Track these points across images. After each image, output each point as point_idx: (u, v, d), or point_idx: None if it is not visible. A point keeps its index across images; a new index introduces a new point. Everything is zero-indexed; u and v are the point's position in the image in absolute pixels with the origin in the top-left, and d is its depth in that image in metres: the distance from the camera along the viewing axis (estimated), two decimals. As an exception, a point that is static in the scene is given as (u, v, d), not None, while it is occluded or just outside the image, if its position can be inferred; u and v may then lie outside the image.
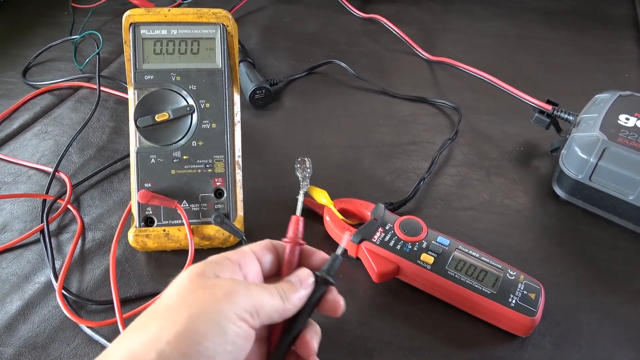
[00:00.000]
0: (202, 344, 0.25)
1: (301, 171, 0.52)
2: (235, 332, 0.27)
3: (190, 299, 0.27)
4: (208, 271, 0.29)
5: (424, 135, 0.62)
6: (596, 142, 0.49)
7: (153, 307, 0.28)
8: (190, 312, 0.26)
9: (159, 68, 0.46)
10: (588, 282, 0.46)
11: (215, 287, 0.28)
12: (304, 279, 0.33)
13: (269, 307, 0.29)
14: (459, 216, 0.52)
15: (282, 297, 0.30)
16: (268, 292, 0.30)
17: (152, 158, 0.45)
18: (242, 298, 0.28)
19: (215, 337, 0.26)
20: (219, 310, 0.27)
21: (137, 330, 0.27)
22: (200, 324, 0.26)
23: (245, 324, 0.27)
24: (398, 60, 0.75)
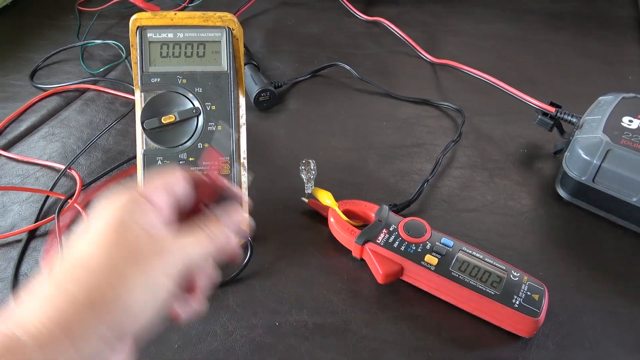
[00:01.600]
0: (132, 308, 0.24)
1: (306, 173, 0.53)
2: (165, 291, 0.26)
3: (116, 260, 0.25)
4: (128, 220, 0.27)
5: (428, 137, 0.62)
6: (599, 144, 0.49)
7: (73, 260, 0.25)
8: (119, 274, 0.25)
9: (166, 71, 0.46)
10: (592, 283, 0.46)
11: (143, 245, 0.26)
12: (234, 215, 0.31)
13: (199, 257, 0.28)
14: (462, 217, 0.52)
15: (211, 239, 0.29)
16: (200, 246, 0.28)
17: (158, 160, 0.46)
18: (175, 258, 0.27)
19: (144, 298, 0.25)
20: (149, 272, 0.25)
21: (59, 287, 0.24)
22: (130, 288, 0.24)
23: (174, 282, 0.26)
24: (401, 63, 0.75)
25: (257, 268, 0.47)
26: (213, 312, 0.44)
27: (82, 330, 0.23)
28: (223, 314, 0.44)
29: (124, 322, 0.24)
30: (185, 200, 0.31)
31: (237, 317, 0.43)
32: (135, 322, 0.25)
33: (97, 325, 0.24)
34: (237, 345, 0.41)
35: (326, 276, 0.47)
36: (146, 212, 0.28)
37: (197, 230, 0.29)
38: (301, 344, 0.42)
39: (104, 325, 0.24)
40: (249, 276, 0.46)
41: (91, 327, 0.23)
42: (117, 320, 0.24)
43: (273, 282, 0.46)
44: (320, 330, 0.42)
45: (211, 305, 0.44)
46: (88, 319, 0.23)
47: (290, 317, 0.43)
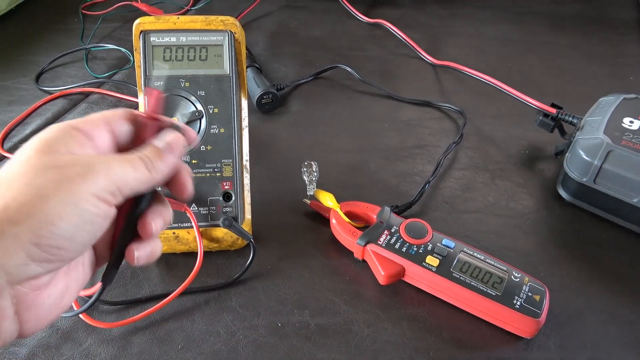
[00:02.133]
0: (56, 226, 0.24)
1: (308, 175, 0.53)
2: (94, 212, 0.25)
3: (40, 180, 0.24)
4: (56, 145, 0.26)
5: (429, 138, 0.63)
6: (600, 145, 0.49)
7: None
8: (41, 194, 0.24)
9: (169, 74, 0.47)
10: (593, 284, 0.47)
11: (67, 166, 0.25)
12: (172, 142, 0.29)
13: (133, 181, 0.27)
14: (464, 219, 0.53)
15: (148, 166, 0.28)
16: (130, 165, 0.27)
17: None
18: (101, 177, 0.25)
19: (71, 218, 0.24)
20: (75, 192, 0.24)
21: None
22: (54, 207, 0.24)
23: (105, 203, 0.26)
24: (403, 65, 0.75)
25: (260, 269, 0.47)
26: (216, 313, 0.44)
27: (2, 243, 0.23)
28: (226, 315, 0.44)
29: (48, 236, 0.24)
30: (124, 137, 0.30)
31: (240, 318, 0.44)
32: (62, 239, 0.24)
33: (15, 232, 0.23)
34: (240, 346, 0.42)
35: (328, 277, 0.47)
36: (75, 138, 0.27)
37: (128, 153, 0.28)
38: (303, 344, 0.42)
39: (22, 232, 0.23)
40: (252, 277, 0.47)
41: (10, 238, 0.23)
42: (41, 234, 0.23)
43: (275, 283, 0.46)
44: (323, 331, 0.43)
45: (214, 306, 0.45)
46: (7, 231, 0.23)
47: (292, 318, 0.44)
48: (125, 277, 0.47)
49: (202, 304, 0.45)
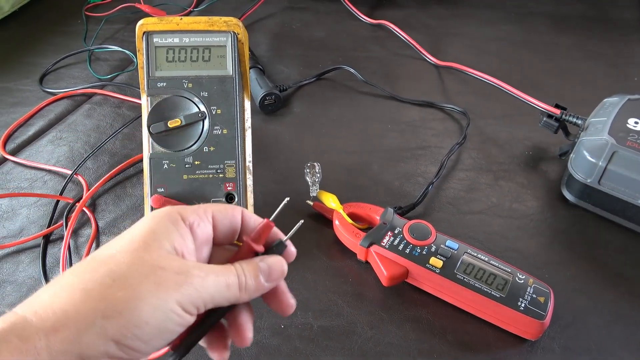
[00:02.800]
0: (142, 329, 0.24)
1: (311, 176, 0.53)
2: (177, 321, 0.25)
3: (140, 279, 0.24)
4: (161, 238, 0.26)
5: (433, 139, 0.62)
6: (605, 145, 0.49)
7: (97, 257, 0.25)
8: (138, 296, 0.24)
9: (172, 75, 0.47)
10: (598, 285, 0.46)
11: (168, 270, 0.25)
12: (273, 267, 0.29)
13: (221, 298, 0.27)
14: (467, 220, 0.52)
15: (241, 287, 0.27)
16: (225, 284, 0.27)
17: (164, 163, 0.46)
18: (194, 290, 0.25)
19: (157, 323, 0.24)
20: (167, 300, 0.24)
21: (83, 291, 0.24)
22: (146, 310, 0.24)
23: (188, 314, 0.25)
24: (406, 66, 0.75)
25: (263, 271, 0.47)
26: (219, 315, 0.44)
27: (89, 325, 0.23)
28: (229, 317, 0.44)
29: (130, 337, 0.24)
30: (225, 234, 0.30)
31: (243, 320, 0.43)
32: (141, 341, 0.24)
33: (103, 325, 0.23)
34: (243, 348, 0.42)
35: (331, 279, 0.47)
36: (179, 230, 0.27)
37: (228, 267, 0.28)
38: (306, 346, 0.42)
39: (110, 327, 0.23)
40: (255, 279, 0.47)
41: (98, 325, 0.23)
42: (125, 334, 0.23)
43: (278, 284, 0.46)
44: (326, 333, 0.43)
45: (217, 307, 0.45)
46: (97, 317, 0.23)
47: (295, 320, 0.44)
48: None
49: (204, 305, 0.45)
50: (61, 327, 0.23)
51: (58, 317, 0.23)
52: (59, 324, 0.23)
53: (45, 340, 0.22)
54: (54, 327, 0.23)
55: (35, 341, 0.22)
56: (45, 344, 0.22)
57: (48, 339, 0.22)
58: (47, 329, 0.22)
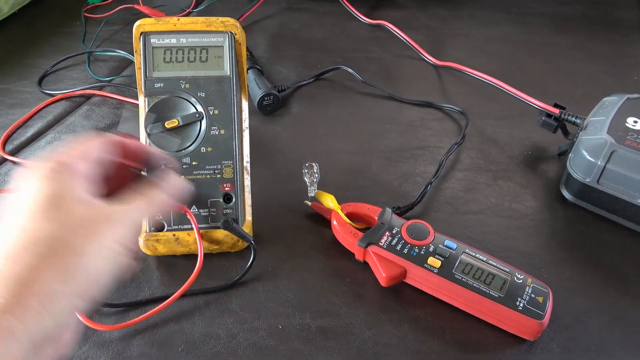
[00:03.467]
0: (87, 270, 0.26)
1: (309, 176, 0.53)
2: (120, 255, 0.28)
3: (66, 232, 0.26)
4: (62, 192, 0.28)
5: (431, 139, 0.62)
6: (604, 145, 0.49)
7: (22, 235, 0.26)
8: (72, 246, 0.26)
9: (169, 76, 0.47)
10: (597, 285, 0.46)
11: (86, 216, 0.27)
12: (173, 186, 0.35)
13: (143, 218, 0.33)
14: (466, 220, 0.52)
15: (154, 202, 0.33)
16: (143, 211, 0.31)
17: (162, 164, 0.46)
18: (121, 225, 0.29)
19: (99, 263, 0.27)
20: (102, 243, 0.27)
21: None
22: (84, 256, 0.26)
23: (125, 247, 0.28)
24: (405, 66, 0.75)
25: (261, 271, 0.47)
26: (217, 316, 0.44)
27: (48, 291, 0.24)
28: (227, 317, 0.44)
29: (86, 286, 0.26)
30: (108, 166, 0.32)
31: (241, 320, 0.43)
32: (97, 287, 0.27)
33: (62, 287, 0.24)
34: (240, 348, 0.41)
35: (329, 279, 0.47)
36: (76, 182, 0.29)
37: (137, 196, 0.32)
38: (304, 346, 0.42)
39: (68, 287, 0.25)
40: (252, 279, 0.46)
41: (56, 289, 0.24)
42: (80, 285, 0.26)
43: (276, 285, 0.46)
44: (323, 333, 0.42)
45: (215, 308, 0.45)
46: (52, 282, 0.24)
47: (293, 320, 0.43)
48: (125, 280, 0.47)
49: (202, 306, 0.45)
50: (24, 301, 0.23)
51: (20, 294, 0.24)
52: (21, 299, 0.23)
53: (13, 316, 0.23)
54: (16, 305, 0.23)
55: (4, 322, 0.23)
56: (14, 320, 0.23)
57: (16, 315, 0.23)
58: (8, 308, 0.23)
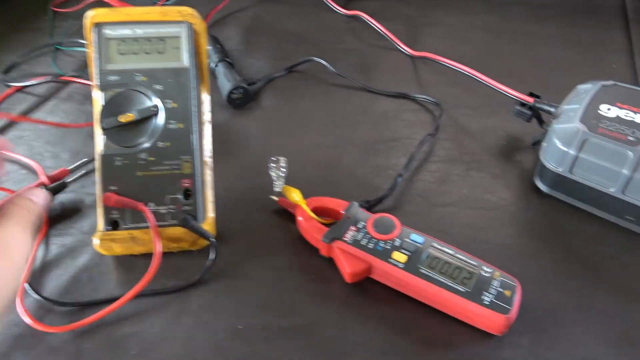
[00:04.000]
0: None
1: (276, 170, 0.51)
2: None
3: None
4: None
5: (405, 131, 0.61)
6: (576, 133, 0.48)
7: None
8: None
9: (124, 68, 0.45)
10: (569, 277, 0.45)
11: None
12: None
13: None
14: (437, 212, 0.51)
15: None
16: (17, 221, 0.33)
17: (117, 160, 0.44)
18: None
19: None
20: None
21: None
22: None
23: None
24: (381, 57, 0.74)
25: (223, 269, 0.46)
26: (175, 317, 0.42)
27: None
28: (185, 318, 0.42)
29: None
30: None
31: (199, 321, 0.42)
32: None
33: None
34: (198, 351, 0.40)
35: (294, 277, 0.45)
36: None
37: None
38: (265, 347, 0.40)
39: None
40: (214, 278, 0.45)
41: None
42: None
43: (238, 283, 0.45)
44: (285, 333, 0.41)
45: (173, 309, 0.43)
46: None
47: (254, 320, 0.42)
48: (82, 280, 0.45)
49: (160, 307, 0.43)
50: None
51: None
52: None
53: None
54: None
55: None
56: None
57: None
58: None
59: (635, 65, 0.71)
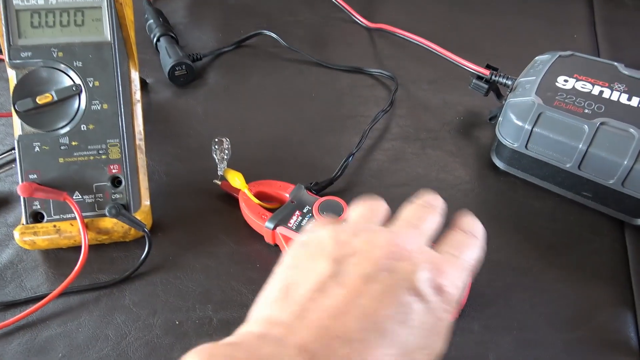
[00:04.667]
0: None
1: (219, 152, 0.48)
2: None
3: None
4: None
5: (360, 108, 0.58)
6: (531, 107, 0.45)
7: None
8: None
9: (38, 43, 0.40)
10: (523, 258, 0.43)
11: None
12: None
13: None
14: (391, 193, 0.48)
15: None
16: None
17: (35, 146, 0.40)
18: None
19: None
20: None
21: None
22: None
23: None
24: (336, 29, 0.70)
25: (160, 261, 0.42)
26: (106, 314, 0.39)
27: None
28: (117, 315, 0.39)
29: None
30: None
31: (133, 318, 0.39)
32: None
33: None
34: (131, 349, 0.37)
35: (237, 266, 0.42)
36: None
37: None
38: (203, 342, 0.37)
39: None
40: (150, 271, 0.42)
41: None
42: None
43: (177, 275, 0.42)
44: (226, 327, 0.38)
45: (105, 305, 0.40)
46: None
47: (193, 314, 0.39)
48: (5, 278, 0.41)
49: (90, 303, 0.40)
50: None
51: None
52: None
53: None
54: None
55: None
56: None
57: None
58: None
59: (597, 35, 0.69)
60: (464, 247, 0.29)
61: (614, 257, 0.43)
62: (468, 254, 0.29)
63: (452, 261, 0.28)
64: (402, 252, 0.26)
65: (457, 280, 0.27)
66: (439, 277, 0.26)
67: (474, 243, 0.30)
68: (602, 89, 0.46)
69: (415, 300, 0.25)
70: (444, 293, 0.26)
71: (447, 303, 0.26)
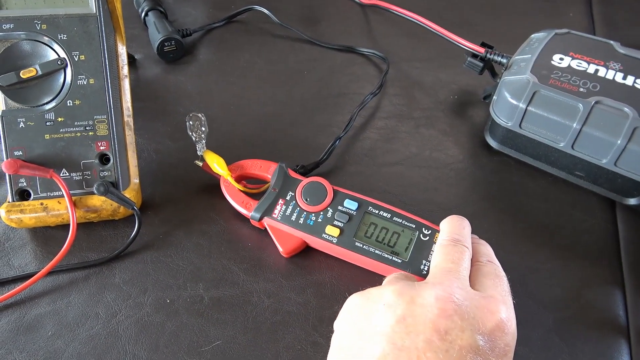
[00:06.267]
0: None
1: (196, 130, 0.45)
2: None
3: None
4: None
5: (352, 86, 0.57)
6: (526, 85, 0.45)
7: None
8: None
9: (20, 15, 0.39)
10: (515, 237, 0.43)
11: None
12: None
13: None
14: (383, 172, 0.48)
15: None
16: None
17: (20, 122, 0.39)
18: None
19: None
20: None
21: None
22: None
23: None
24: (329, 5, 0.68)
25: (150, 239, 0.42)
26: (96, 292, 0.39)
27: None
28: (107, 294, 0.39)
29: None
30: None
31: (124, 296, 0.39)
32: None
33: None
34: (121, 328, 0.37)
35: (228, 245, 0.42)
36: None
37: None
38: (194, 321, 0.37)
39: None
40: (141, 249, 0.41)
41: None
42: None
43: (167, 254, 0.41)
44: (217, 305, 0.38)
45: (94, 284, 0.39)
46: None
47: (184, 292, 0.39)
48: (-8, 256, 0.41)
49: (80, 282, 0.39)
50: None
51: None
52: None
53: None
54: None
55: None
56: None
57: None
58: None
59: (592, 13, 0.68)
60: (497, 279, 0.33)
61: (605, 237, 0.43)
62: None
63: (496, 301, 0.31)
64: (452, 307, 0.29)
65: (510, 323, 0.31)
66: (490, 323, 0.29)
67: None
68: (598, 68, 0.45)
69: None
70: (496, 341, 0.29)
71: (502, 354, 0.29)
